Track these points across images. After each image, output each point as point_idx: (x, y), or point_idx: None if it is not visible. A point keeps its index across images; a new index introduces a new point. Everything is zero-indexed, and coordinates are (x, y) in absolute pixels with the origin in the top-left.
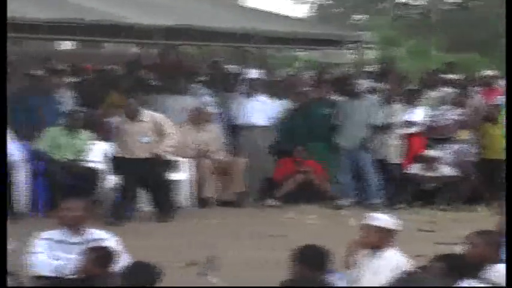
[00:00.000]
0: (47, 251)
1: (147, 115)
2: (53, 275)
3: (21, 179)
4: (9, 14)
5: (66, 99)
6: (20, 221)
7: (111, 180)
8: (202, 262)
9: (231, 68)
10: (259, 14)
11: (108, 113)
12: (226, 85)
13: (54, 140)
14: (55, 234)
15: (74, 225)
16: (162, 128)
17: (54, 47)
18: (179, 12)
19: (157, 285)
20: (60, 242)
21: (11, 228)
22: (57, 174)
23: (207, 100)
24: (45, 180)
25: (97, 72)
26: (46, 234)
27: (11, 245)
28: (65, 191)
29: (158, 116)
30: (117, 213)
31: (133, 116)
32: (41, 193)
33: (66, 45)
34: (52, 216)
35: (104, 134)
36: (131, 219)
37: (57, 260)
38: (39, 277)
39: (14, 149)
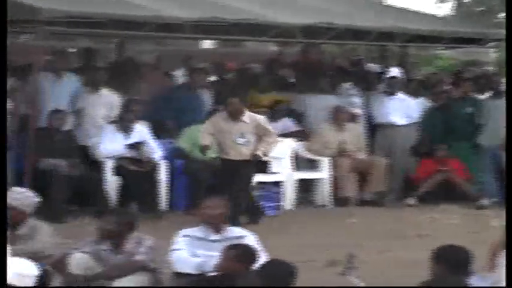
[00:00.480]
0: (188, 248)
1: (248, 116)
2: (194, 272)
3: (163, 176)
4: (151, 14)
5: (208, 98)
6: (161, 219)
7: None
8: (342, 262)
9: (372, 66)
10: (401, 13)
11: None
12: (367, 84)
13: (195, 138)
14: (195, 231)
15: (215, 223)
16: (263, 129)
17: (196, 46)
18: (320, 10)
19: (294, 284)
20: (200, 239)
21: (152, 225)
22: (197, 172)
23: (354, 101)
24: (186, 178)
25: (237, 71)
26: (186, 231)
27: (153, 243)
28: (205, 189)
29: (260, 118)
30: (255, 211)
31: (235, 115)
32: (182, 191)
33: (207, 44)
34: (192, 214)
35: None
36: (272, 217)
37: (197, 257)
38: (180, 274)
39: (157, 147)
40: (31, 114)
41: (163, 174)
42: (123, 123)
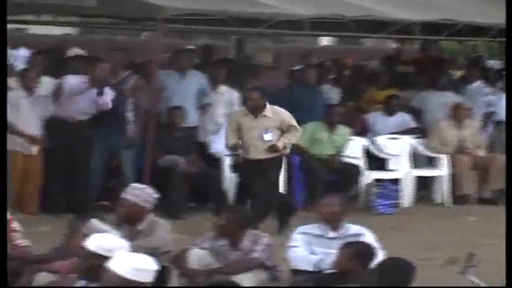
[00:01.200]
0: (305, 245)
1: (271, 110)
2: (311, 269)
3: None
4: (270, 11)
5: (327, 94)
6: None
7: (369, 176)
8: (461, 260)
9: (492, 63)
10: None
11: (366, 108)
12: (486, 80)
13: (313, 135)
14: (313, 228)
15: (333, 221)
16: (288, 124)
17: (315, 43)
18: (439, 7)
19: (412, 282)
20: (318, 236)
21: (269, 222)
22: (315, 169)
23: (487, 99)
24: (303, 175)
25: (356, 67)
26: (304, 228)
27: (269, 240)
28: (324, 186)
29: (283, 112)
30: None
31: (256, 110)
32: (299, 188)
33: (326, 41)
34: (310, 211)
35: (361, 129)
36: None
37: (315, 254)
38: (297, 271)
39: None
40: (151, 111)
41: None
42: None
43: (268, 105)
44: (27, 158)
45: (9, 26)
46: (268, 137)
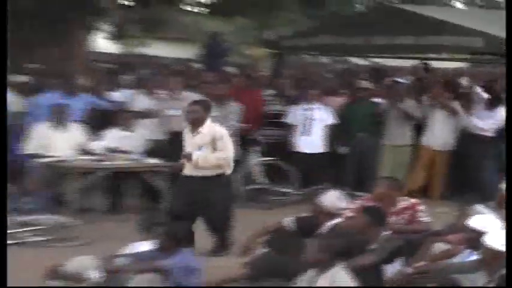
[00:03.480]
0: None
1: (208, 127)
2: None
3: None
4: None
5: None
6: None
7: None
8: None
9: None
10: None
11: None
12: None
13: None
14: None
15: None
16: (219, 142)
17: None
18: None
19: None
20: None
21: None
22: None
23: None
24: None
25: None
26: None
27: None
28: None
29: (219, 130)
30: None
31: (194, 126)
32: None
33: None
34: None
35: None
36: None
37: None
38: None
39: None
40: None
41: None
42: None
43: (208, 122)
44: (435, 152)
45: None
46: (197, 154)
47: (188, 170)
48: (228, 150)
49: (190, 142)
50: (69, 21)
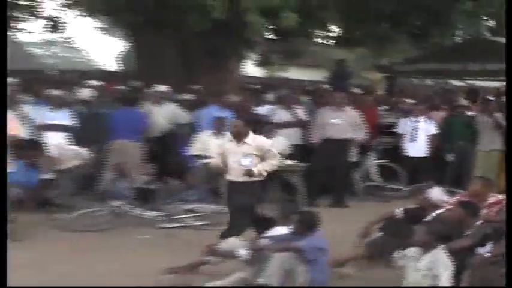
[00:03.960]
0: None
1: (252, 138)
2: None
3: None
4: None
5: None
6: None
7: None
8: None
9: None
10: None
11: None
12: None
13: None
14: None
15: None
16: (266, 150)
17: None
18: None
19: None
20: None
21: None
22: None
23: None
24: None
25: None
26: None
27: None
28: None
29: (262, 139)
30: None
31: (238, 137)
32: None
33: None
34: None
35: None
36: None
37: None
38: None
39: None
40: None
41: None
42: None
43: (251, 134)
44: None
45: None
46: (245, 161)
47: (234, 177)
48: (277, 157)
49: (236, 150)
50: (226, 52)
